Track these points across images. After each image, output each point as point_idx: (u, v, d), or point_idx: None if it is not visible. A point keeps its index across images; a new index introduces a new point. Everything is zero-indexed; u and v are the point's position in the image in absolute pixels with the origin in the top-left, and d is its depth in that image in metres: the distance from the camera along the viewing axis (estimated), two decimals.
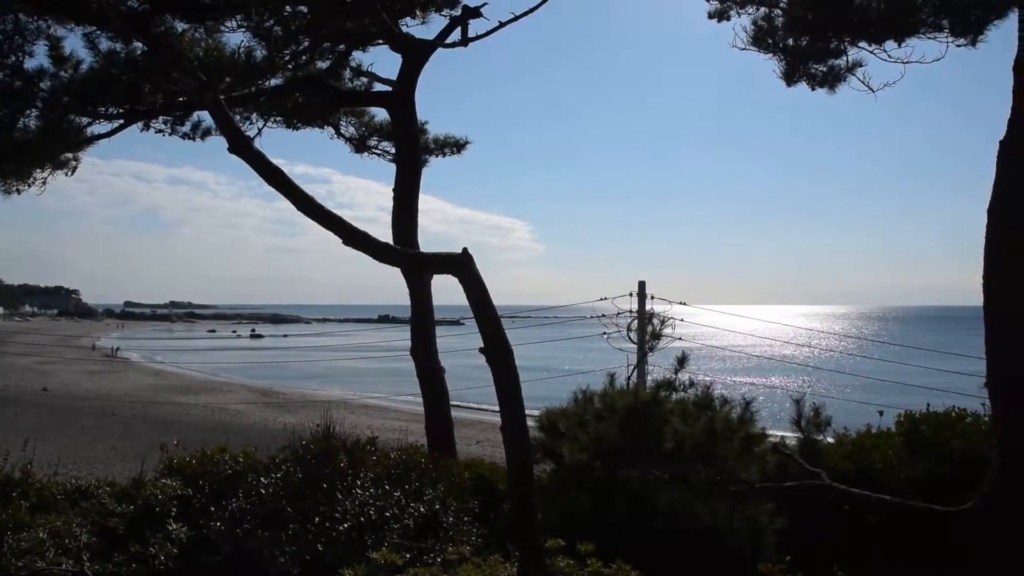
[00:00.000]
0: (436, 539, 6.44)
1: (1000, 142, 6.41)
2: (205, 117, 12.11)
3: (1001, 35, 8.15)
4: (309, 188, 5.03)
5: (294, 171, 5.35)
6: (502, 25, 11.27)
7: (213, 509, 6.66)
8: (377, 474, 7.15)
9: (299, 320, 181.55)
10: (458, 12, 11.32)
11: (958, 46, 8.63)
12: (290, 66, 11.78)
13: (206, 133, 12.43)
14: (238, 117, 12.46)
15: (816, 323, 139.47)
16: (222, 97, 6.55)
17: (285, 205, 4.93)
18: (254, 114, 12.94)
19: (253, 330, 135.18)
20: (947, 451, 7.98)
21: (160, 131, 12.03)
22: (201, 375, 59.06)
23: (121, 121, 10.98)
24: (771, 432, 8.62)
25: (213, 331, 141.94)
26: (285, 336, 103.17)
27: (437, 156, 14.91)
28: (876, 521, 7.51)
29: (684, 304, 14.88)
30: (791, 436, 8.78)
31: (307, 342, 74.56)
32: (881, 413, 9.30)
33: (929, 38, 8.71)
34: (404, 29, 11.70)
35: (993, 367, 6.50)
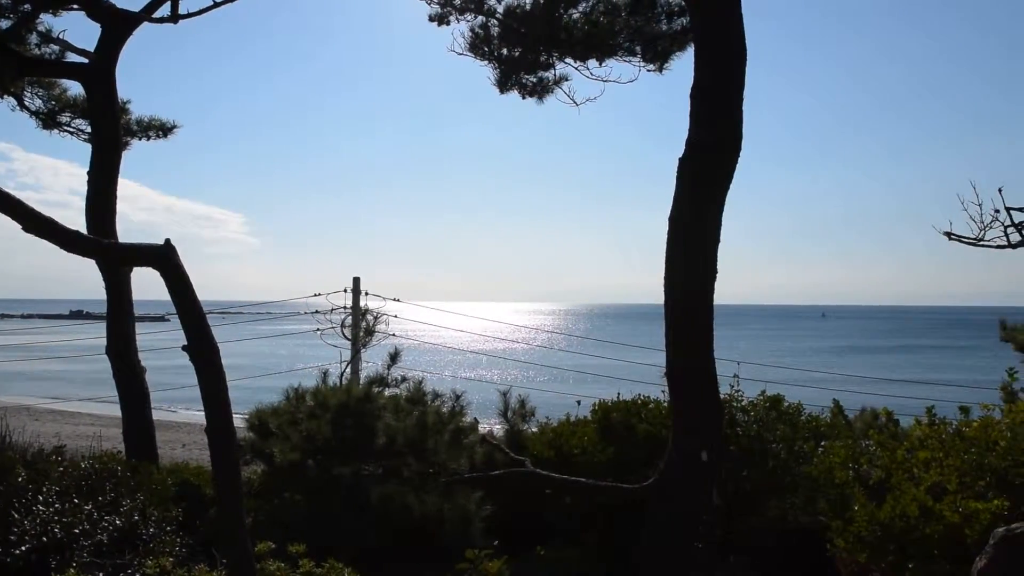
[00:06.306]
0: (135, 553, 6.01)
1: (679, 159, 7.21)
2: None
3: (684, 64, 9.27)
4: None
5: None
6: (216, 5, 10.69)
7: None
8: (64, 487, 6.51)
9: None
10: None
11: (648, 71, 9.69)
12: None
13: None
14: None
15: (532, 319, 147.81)
16: None
17: None
18: None
19: None
20: (634, 434, 8.86)
21: None
22: None
23: None
24: (482, 423, 9.05)
25: None
26: None
27: (141, 139, 13.74)
28: (579, 502, 8.16)
29: (398, 301, 15.12)
30: (499, 427, 9.28)
31: None
32: (579, 403, 10.04)
33: (625, 61, 9.67)
34: None
35: (668, 359, 7.35)
